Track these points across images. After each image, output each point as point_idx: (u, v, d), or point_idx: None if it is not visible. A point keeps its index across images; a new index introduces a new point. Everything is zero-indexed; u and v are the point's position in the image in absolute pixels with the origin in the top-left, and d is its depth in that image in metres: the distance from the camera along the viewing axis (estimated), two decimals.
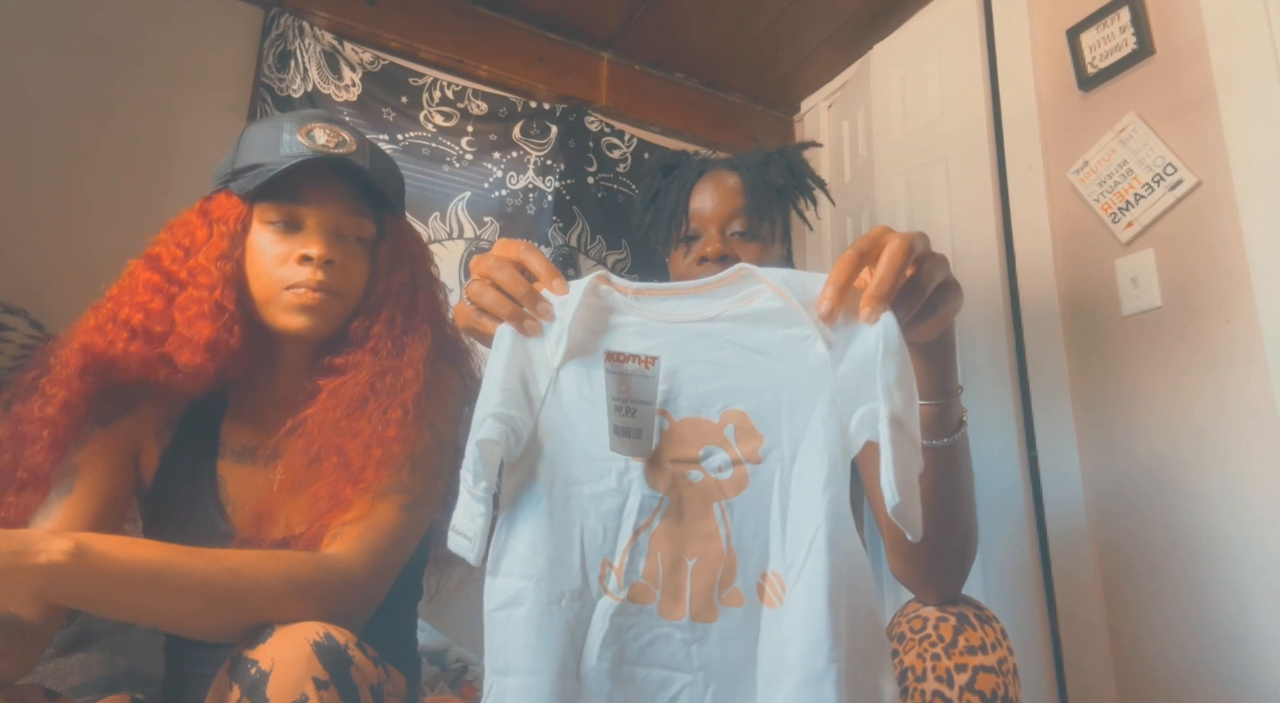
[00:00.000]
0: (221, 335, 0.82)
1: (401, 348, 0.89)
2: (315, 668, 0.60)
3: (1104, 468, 1.44)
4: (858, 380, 0.61)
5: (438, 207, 1.92)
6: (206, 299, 0.82)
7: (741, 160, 1.15)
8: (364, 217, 0.89)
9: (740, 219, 1.07)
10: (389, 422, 0.84)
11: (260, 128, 0.88)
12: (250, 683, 0.59)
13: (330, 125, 0.88)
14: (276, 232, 0.85)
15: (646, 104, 2.27)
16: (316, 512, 0.79)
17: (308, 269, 0.84)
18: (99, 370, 0.81)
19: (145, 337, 0.81)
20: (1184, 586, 1.29)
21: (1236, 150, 1.28)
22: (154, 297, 0.83)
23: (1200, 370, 1.30)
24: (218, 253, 0.84)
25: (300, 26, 1.79)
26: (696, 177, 1.12)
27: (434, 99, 1.95)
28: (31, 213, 1.48)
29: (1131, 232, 1.42)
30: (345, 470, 0.81)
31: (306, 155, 0.83)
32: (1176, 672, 1.29)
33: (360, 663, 0.63)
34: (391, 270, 0.92)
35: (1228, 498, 1.25)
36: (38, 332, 1.23)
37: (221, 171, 0.88)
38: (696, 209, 1.09)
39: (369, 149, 0.90)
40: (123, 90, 1.62)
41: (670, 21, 2.09)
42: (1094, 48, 1.52)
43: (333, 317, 0.87)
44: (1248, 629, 1.20)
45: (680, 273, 1.09)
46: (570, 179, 2.05)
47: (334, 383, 0.86)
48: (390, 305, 0.90)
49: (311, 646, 0.60)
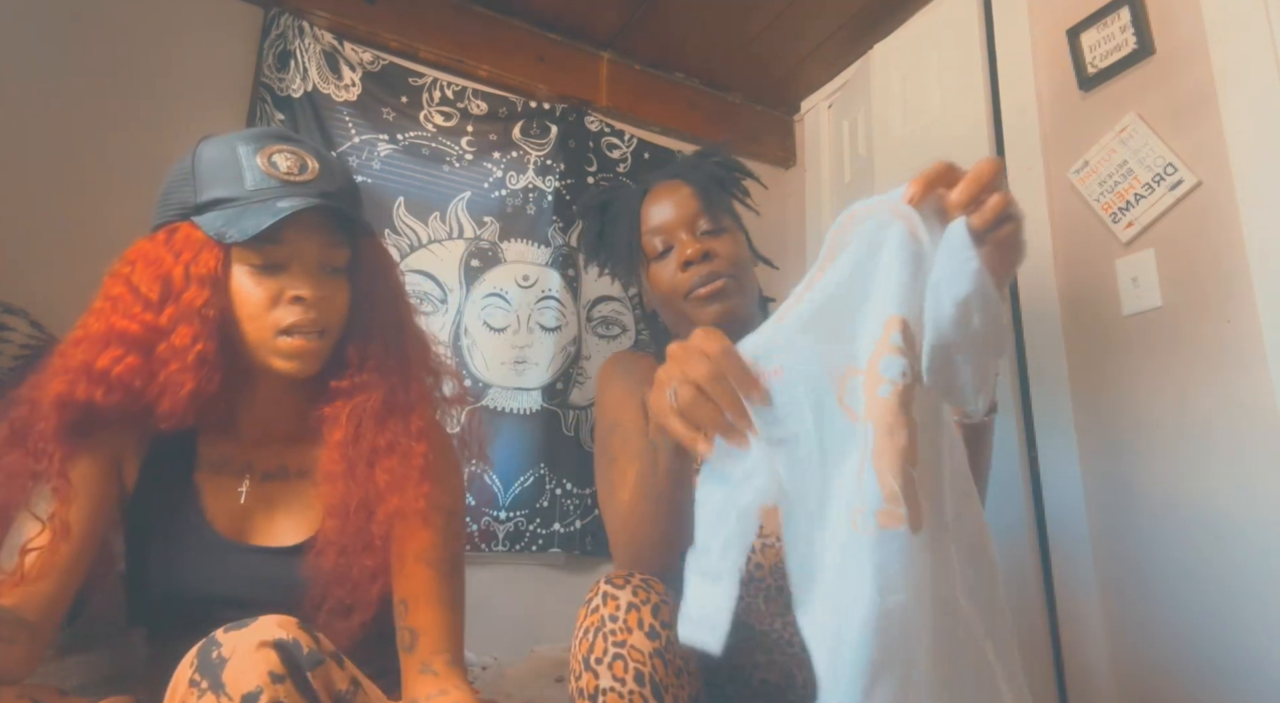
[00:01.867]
0: (203, 386, 0.82)
1: (405, 361, 0.92)
2: (272, 662, 0.61)
3: (1104, 468, 1.44)
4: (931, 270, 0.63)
5: (437, 207, 1.92)
6: (190, 350, 0.80)
7: (677, 169, 1.18)
8: (341, 246, 0.89)
9: (703, 218, 1.10)
10: (413, 435, 0.87)
11: (216, 151, 0.86)
12: (210, 665, 0.62)
13: (288, 147, 0.87)
14: (259, 274, 0.84)
15: (646, 104, 2.27)
16: (392, 532, 0.85)
17: (299, 309, 0.84)
18: (77, 421, 0.81)
19: (125, 390, 0.81)
20: (1184, 586, 1.29)
21: (1236, 150, 1.28)
22: (130, 349, 0.81)
23: (1200, 370, 1.30)
24: (201, 301, 0.81)
25: (300, 26, 1.79)
26: (641, 197, 1.15)
27: (434, 99, 1.95)
28: (32, 213, 1.48)
29: (1132, 232, 1.42)
30: (400, 490, 0.85)
31: (274, 187, 0.83)
32: (1176, 672, 1.29)
33: (326, 668, 0.65)
34: (373, 291, 0.93)
35: (1228, 498, 1.25)
36: (38, 332, 1.23)
37: (180, 200, 0.85)
38: (659, 224, 1.11)
39: (330, 168, 0.89)
40: (123, 90, 1.62)
41: (670, 21, 2.09)
42: (1094, 48, 1.52)
43: (323, 355, 0.88)
44: (1248, 629, 1.20)
45: (668, 284, 1.10)
46: (570, 179, 2.05)
47: (348, 406, 0.88)
48: (379, 326, 0.92)
49: (273, 642, 0.62)
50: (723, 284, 1.06)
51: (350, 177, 0.95)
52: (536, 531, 1.85)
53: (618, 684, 0.84)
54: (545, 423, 1.90)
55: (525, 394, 1.91)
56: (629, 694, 0.84)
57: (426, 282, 1.88)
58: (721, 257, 1.07)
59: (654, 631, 0.77)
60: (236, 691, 0.60)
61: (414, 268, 1.86)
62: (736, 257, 1.09)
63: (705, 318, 1.06)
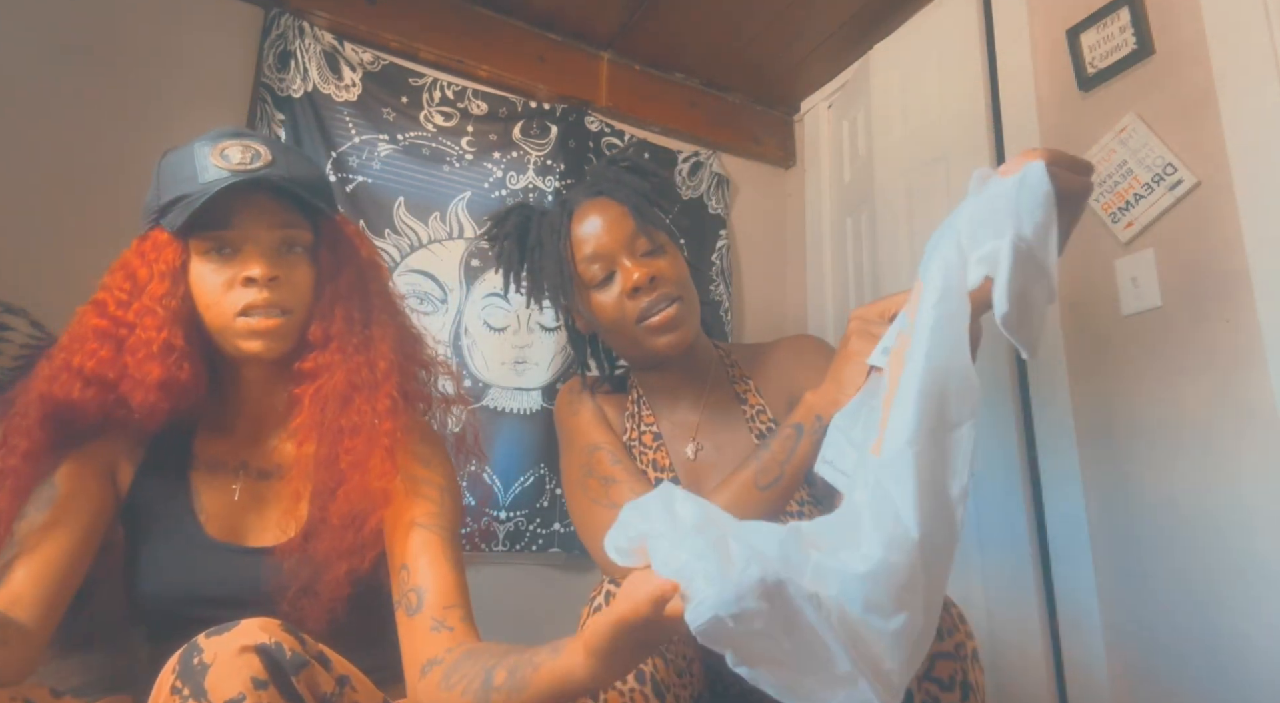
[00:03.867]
0: (172, 373, 0.84)
1: (368, 342, 0.91)
2: (254, 668, 0.60)
3: (1104, 468, 1.44)
4: (986, 215, 0.66)
5: (438, 207, 1.92)
6: (154, 340, 0.84)
7: (599, 184, 1.11)
8: (297, 227, 0.89)
9: (640, 239, 1.05)
10: (380, 414, 0.86)
11: (175, 157, 0.88)
12: (191, 671, 0.61)
13: (241, 140, 0.88)
14: (215, 260, 0.86)
15: (646, 104, 2.27)
16: (355, 510, 0.83)
17: (253, 291, 0.84)
18: (59, 418, 0.84)
19: (99, 383, 0.84)
20: (1184, 585, 1.29)
21: (1236, 150, 1.28)
22: (103, 343, 0.84)
23: (1200, 370, 1.30)
24: (161, 292, 0.85)
25: (300, 26, 1.79)
26: (568, 219, 1.08)
27: (434, 99, 1.95)
28: (33, 213, 1.48)
29: (1131, 232, 1.42)
30: (362, 468, 0.84)
31: (224, 178, 0.83)
32: (1176, 672, 1.29)
33: (310, 671, 0.64)
34: (337, 272, 0.92)
35: (1227, 497, 1.25)
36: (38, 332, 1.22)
37: (149, 208, 0.89)
38: (595, 250, 1.04)
39: (286, 156, 0.90)
40: (123, 90, 1.62)
41: (670, 21, 2.09)
42: (1094, 48, 1.52)
43: (288, 333, 0.88)
44: (1247, 629, 1.20)
45: (614, 313, 1.05)
46: (570, 179, 2.05)
47: (311, 388, 0.88)
48: (344, 304, 0.91)
49: (255, 646, 0.61)
50: (675, 311, 1.02)
51: (311, 164, 0.96)
52: (536, 530, 1.85)
53: (619, 683, 0.84)
54: (545, 423, 1.90)
55: (525, 394, 1.91)
56: (630, 693, 0.84)
57: (427, 282, 1.88)
58: (668, 279, 1.03)
59: None
60: (218, 697, 0.59)
61: (414, 268, 1.86)
62: (680, 276, 1.06)
63: (660, 346, 1.03)
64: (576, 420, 1.11)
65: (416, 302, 1.86)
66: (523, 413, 1.90)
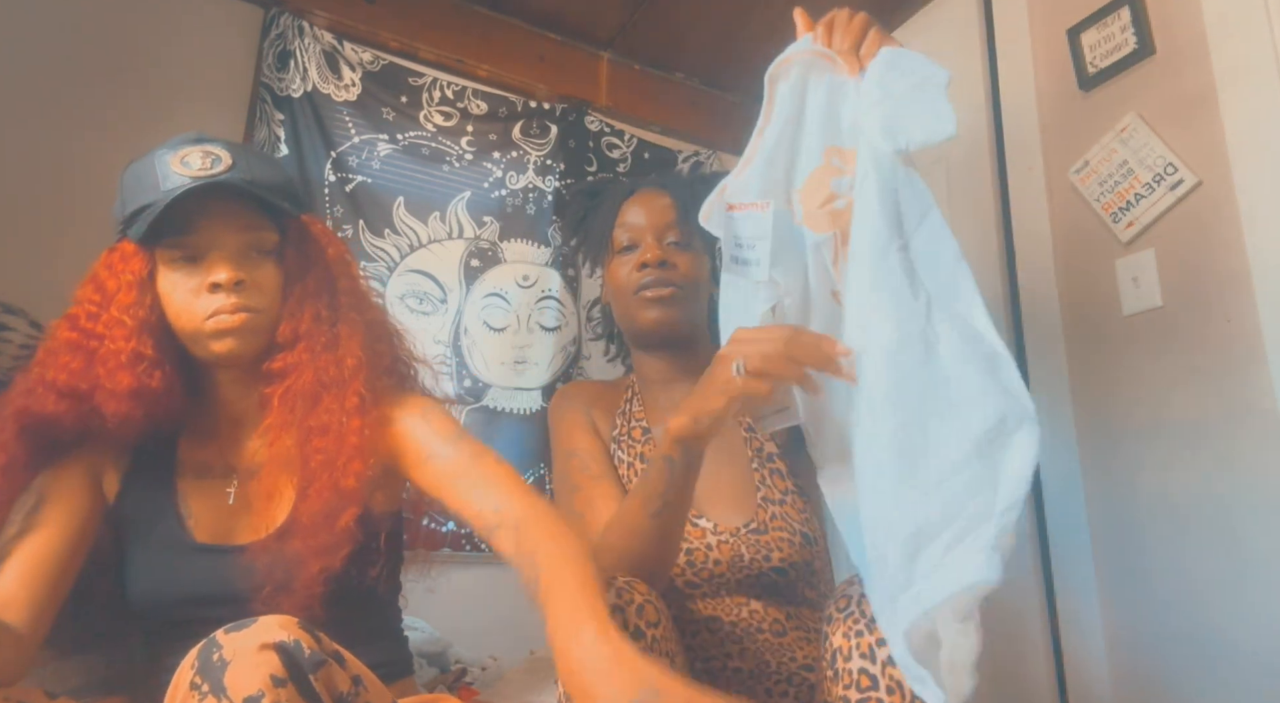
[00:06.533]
0: (143, 381, 0.84)
1: (335, 340, 0.90)
2: (274, 665, 0.60)
3: (1104, 467, 1.44)
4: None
5: (437, 206, 1.92)
6: (124, 350, 0.84)
7: (668, 181, 1.23)
8: (261, 229, 0.89)
9: (674, 231, 1.14)
10: (349, 411, 0.86)
11: (138, 167, 0.89)
12: (210, 667, 0.61)
13: (202, 146, 0.88)
14: (182, 268, 0.86)
15: (646, 104, 2.27)
16: (327, 508, 0.83)
17: (220, 296, 0.85)
18: (35, 431, 0.84)
19: (73, 395, 0.84)
20: (1184, 585, 1.29)
21: (1237, 150, 1.28)
22: (75, 356, 0.85)
23: (1200, 370, 1.30)
24: (129, 302, 0.86)
25: (300, 26, 1.79)
26: (627, 195, 1.19)
27: (434, 99, 1.95)
28: (33, 213, 1.48)
29: (1132, 231, 1.42)
30: (332, 467, 0.84)
31: (185, 184, 0.84)
32: (1176, 671, 1.29)
33: (328, 669, 0.64)
34: (304, 272, 0.92)
35: (1228, 497, 1.25)
36: (38, 332, 1.22)
37: (117, 220, 0.89)
38: (633, 223, 1.15)
39: (247, 160, 0.90)
40: (123, 90, 1.62)
41: (670, 21, 2.09)
42: (1094, 47, 1.52)
43: (258, 331, 0.88)
44: (1247, 629, 1.20)
45: (621, 281, 1.14)
46: (570, 179, 2.05)
47: (281, 388, 0.88)
48: (311, 303, 0.91)
49: (275, 644, 0.62)
50: (671, 292, 1.10)
51: (275, 165, 0.97)
52: None
53: None
54: (545, 423, 1.89)
55: (525, 394, 1.91)
56: None
57: (426, 281, 1.88)
58: (679, 269, 1.11)
59: (638, 630, 0.78)
60: (238, 694, 0.59)
61: (414, 268, 1.86)
62: (694, 275, 1.13)
63: (647, 318, 1.10)
64: (558, 427, 1.16)
65: (416, 301, 1.86)
66: (522, 413, 1.90)
